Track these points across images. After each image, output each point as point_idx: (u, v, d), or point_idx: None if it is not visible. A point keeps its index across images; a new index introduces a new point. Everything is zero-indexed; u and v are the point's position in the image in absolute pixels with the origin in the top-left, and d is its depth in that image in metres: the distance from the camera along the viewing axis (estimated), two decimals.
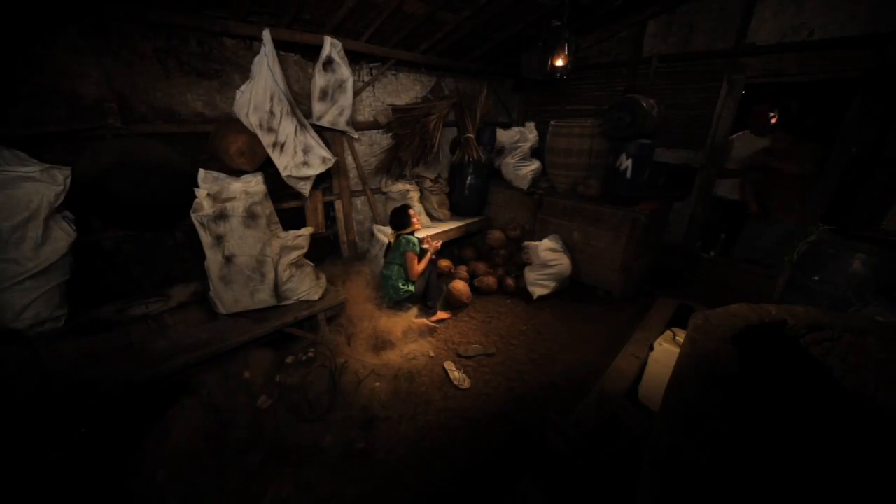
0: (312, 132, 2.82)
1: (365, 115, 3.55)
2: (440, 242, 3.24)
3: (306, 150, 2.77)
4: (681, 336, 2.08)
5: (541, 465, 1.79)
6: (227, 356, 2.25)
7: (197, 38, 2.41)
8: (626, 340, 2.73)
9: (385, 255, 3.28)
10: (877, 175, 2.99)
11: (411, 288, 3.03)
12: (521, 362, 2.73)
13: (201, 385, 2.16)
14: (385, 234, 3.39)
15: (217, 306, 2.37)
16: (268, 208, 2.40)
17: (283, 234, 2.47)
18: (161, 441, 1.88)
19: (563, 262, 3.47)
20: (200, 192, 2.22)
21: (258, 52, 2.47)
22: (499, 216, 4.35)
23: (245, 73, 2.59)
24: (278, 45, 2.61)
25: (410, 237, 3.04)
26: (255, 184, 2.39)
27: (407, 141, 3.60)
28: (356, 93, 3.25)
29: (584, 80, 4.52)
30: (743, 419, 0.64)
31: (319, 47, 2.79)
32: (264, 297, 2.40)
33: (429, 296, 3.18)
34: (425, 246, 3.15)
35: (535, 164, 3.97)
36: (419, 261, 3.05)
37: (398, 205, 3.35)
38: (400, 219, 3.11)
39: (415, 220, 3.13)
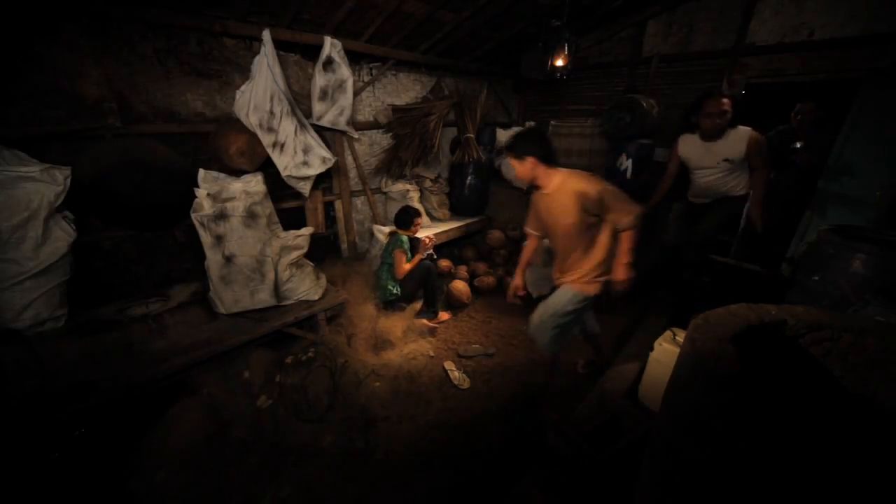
0: (312, 132, 2.82)
1: (365, 115, 3.55)
2: (435, 240, 3.28)
3: (306, 150, 2.77)
4: (681, 336, 2.08)
5: (541, 466, 1.79)
6: (227, 356, 2.25)
7: (197, 38, 2.41)
8: (626, 340, 2.73)
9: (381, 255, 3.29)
10: None
11: (398, 291, 3.03)
12: (521, 362, 2.73)
13: (201, 385, 2.16)
14: (385, 234, 3.39)
15: (217, 306, 2.37)
16: (268, 208, 2.40)
17: (283, 234, 2.47)
18: (161, 441, 1.88)
19: None
20: (200, 192, 2.22)
21: (258, 52, 2.47)
22: (499, 216, 4.35)
23: (245, 73, 2.59)
24: (278, 45, 2.61)
25: (401, 236, 3.04)
26: (255, 184, 2.38)
27: (407, 141, 3.60)
28: (356, 93, 3.25)
29: (584, 80, 4.52)
30: (743, 419, 0.64)
31: (319, 47, 2.79)
32: (264, 297, 2.40)
33: (430, 299, 3.18)
34: (423, 238, 3.16)
35: None
36: (409, 261, 3.04)
37: (409, 206, 3.36)
38: (403, 218, 3.11)
39: (416, 227, 3.13)
